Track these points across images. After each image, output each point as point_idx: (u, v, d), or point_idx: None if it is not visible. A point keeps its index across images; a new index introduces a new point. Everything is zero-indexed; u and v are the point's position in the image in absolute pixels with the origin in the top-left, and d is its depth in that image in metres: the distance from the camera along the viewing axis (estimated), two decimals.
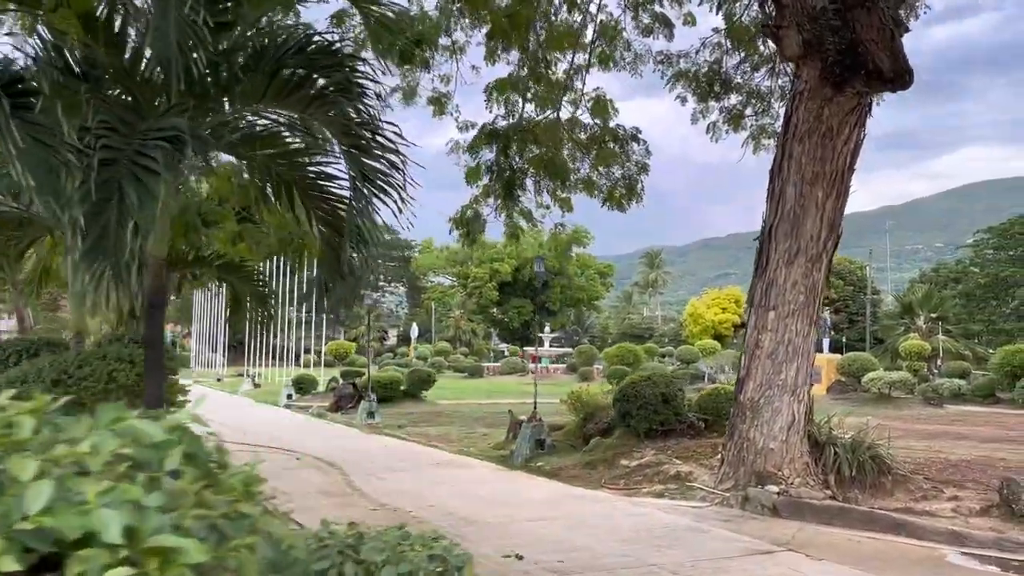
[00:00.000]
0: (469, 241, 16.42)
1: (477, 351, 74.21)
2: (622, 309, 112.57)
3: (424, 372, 25.88)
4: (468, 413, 23.27)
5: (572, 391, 14.32)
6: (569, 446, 13.63)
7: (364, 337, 78.36)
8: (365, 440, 16.97)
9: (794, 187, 9.21)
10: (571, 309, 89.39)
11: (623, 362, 33.63)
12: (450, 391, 33.64)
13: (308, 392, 29.21)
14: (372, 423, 20.35)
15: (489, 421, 20.93)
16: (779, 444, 9.40)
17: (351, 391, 24.21)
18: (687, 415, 12.26)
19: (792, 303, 9.33)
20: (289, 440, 16.84)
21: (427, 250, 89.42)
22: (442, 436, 17.65)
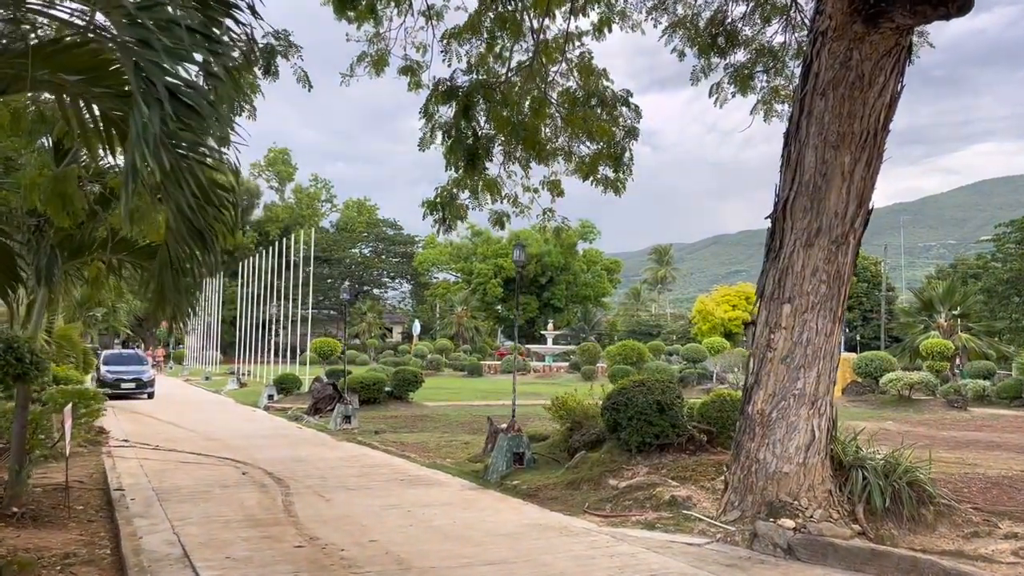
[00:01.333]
0: (444, 228, 14.73)
1: (481, 349, 72.54)
2: (630, 306, 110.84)
3: (410, 372, 24.21)
4: (455, 417, 21.60)
5: (557, 396, 12.61)
6: (552, 460, 11.92)
7: (365, 334, 76.98)
8: (332, 449, 15.31)
9: (815, 152, 7.47)
10: (578, 306, 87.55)
11: (626, 360, 31.87)
12: (444, 392, 31.98)
13: (291, 392, 27.60)
14: (347, 428, 18.70)
15: (475, 426, 19.25)
16: (795, 467, 7.67)
17: (331, 392, 22.56)
18: (687, 427, 10.53)
19: (812, 295, 7.60)
20: (249, 448, 15.23)
21: (431, 245, 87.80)
22: (419, 444, 15.98)
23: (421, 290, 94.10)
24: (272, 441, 16.47)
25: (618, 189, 14.88)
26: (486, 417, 13.84)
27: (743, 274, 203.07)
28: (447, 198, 14.83)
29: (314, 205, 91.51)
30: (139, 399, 28.18)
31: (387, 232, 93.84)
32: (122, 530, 8.17)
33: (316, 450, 15.11)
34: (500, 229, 16.15)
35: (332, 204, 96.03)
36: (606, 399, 10.95)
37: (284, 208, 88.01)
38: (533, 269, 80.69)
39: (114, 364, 28.61)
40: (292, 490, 10.70)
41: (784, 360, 7.68)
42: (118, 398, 27.67)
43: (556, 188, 15.97)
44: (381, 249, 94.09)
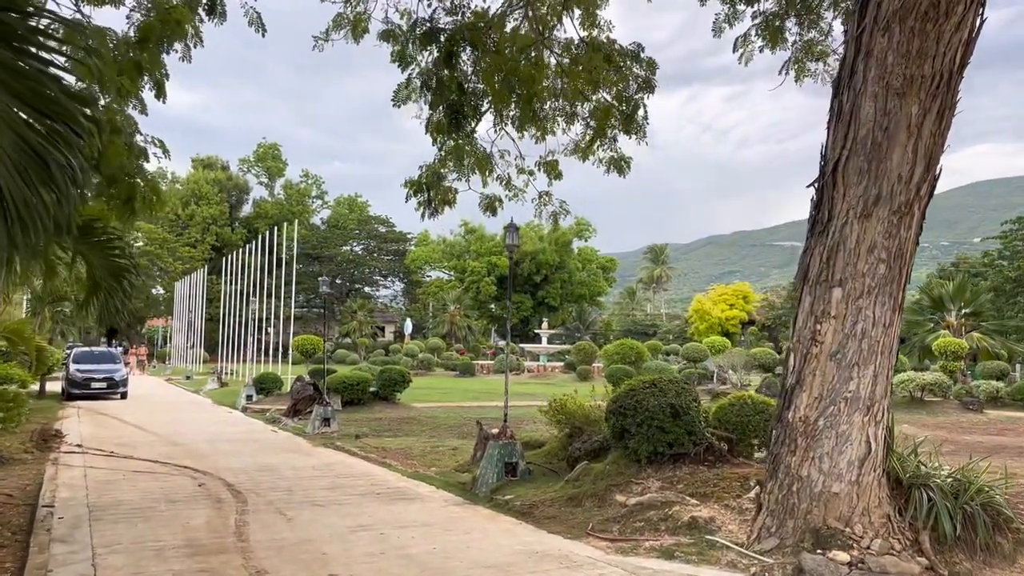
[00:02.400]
0: (430, 211, 13.36)
1: (474, 348, 71.10)
2: (625, 305, 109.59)
3: (396, 371, 22.79)
4: (443, 420, 20.20)
5: (554, 398, 11.21)
6: (549, 471, 10.53)
7: (356, 333, 75.45)
8: (305, 456, 13.89)
9: (874, 101, 6.12)
10: (572, 305, 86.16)
11: (624, 360, 30.51)
12: (433, 392, 30.58)
13: (271, 393, 26.15)
14: (326, 432, 17.29)
15: (465, 430, 17.86)
16: (847, 486, 6.31)
17: (311, 393, 21.14)
18: (704, 434, 9.15)
19: (868, 276, 6.24)
20: (214, 454, 13.81)
21: (423, 243, 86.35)
22: (402, 450, 14.58)
23: (413, 288, 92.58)
24: (241, 446, 15.05)
25: (622, 169, 13.53)
26: (475, 421, 12.44)
27: (737, 275, 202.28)
28: (432, 178, 13.45)
29: (304, 201, 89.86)
30: (111, 399, 26.71)
31: (379, 229, 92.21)
32: (30, 560, 6.78)
33: (287, 457, 13.69)
34: (492, 215, 14.76)
35: (323, 201, 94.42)
36: (611, 402, 9.57)
37: (274, 204, 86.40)
38: (527, 267, 79.29)
39: (84, 363, 27.10)
40: (250, 506, 9.29)
41: (834, 356, 6.31)
42: (88, 398, 26.21)
43: (553, 170, 14.59)
44: (373, 247, 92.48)
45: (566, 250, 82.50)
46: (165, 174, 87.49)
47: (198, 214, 79.22)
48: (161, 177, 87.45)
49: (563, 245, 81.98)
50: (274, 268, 37.30)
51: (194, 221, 79.09)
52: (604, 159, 13.62)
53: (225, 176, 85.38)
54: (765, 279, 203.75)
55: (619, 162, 13.52)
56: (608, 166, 13.64)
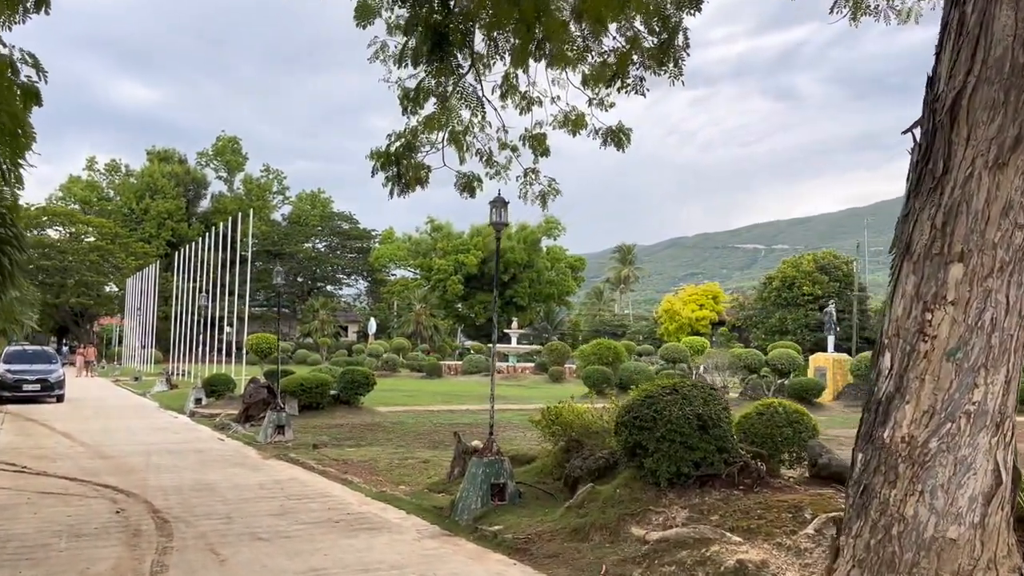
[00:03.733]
0: (399, 188, 11.63)
1: (440, 348, 69.16)
2: (591, 306, 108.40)
3: (360, 373, 20.90)
4: (412, 426, 18.40)
5: (549, 407, 9.48)
6: (543, 493, 8.82)
7: (317, 332, 73.04)
8: (253, 470, 12.02)
9: (1015, 8, 4.53)
10: (540, 304, 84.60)
11: (601, 361, 28.91)
12: (399, 394, 28.73)
13: (223, 395, 24.09)
14: (279, 441, 15.40)
15: (437, 438, 16.10)
16: (968, 530, 4.70)
17: (265, 396, 19.19)
18: (739, 451, 7.52)
19: (1002, 247, 4.64)
20: (147, 469, 11.90)
21: (388, 240, 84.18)
22: (366, 464, 12.77)
23: (378, 287, 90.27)
24: (180, 459, 13.11)
25: (620, 141, 11.92)
26: (453, 432, 10.69)
27: (700, 276, 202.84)
28: (403, 149, 11.69)
29: (265, 197, 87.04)
30: (47, 403, 24.42)
31: (342, 226, 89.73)
32: None
33: (232, 472, 11.80)
34: (470, 196, 13.01)
35: (284, 196, 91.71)
36: (623, 411, 7.90)
37: (233, 199, 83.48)
38: (495, 265, 77.51)
39: (16, 363, 24.74)
40: (176, 541, 7.45)
41: (953, 356, 4.69)
42: (20, 401, 23.93)
43: (540, 144, 12.92)
44: (336, 244, 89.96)
45: (535, 249, 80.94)
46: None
47: (153, 208, 76.18)
48: (114, 170, 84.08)
49: (532, 244, 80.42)
50: (231, 264, 35.18)
51: (149, 216, 76.04)
52: (600, 130, 12.00)
53: (182, 170, 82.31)
54: (727, 281, 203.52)
55: (617, 134, 11.88)
56: (605, 138, 12.00)
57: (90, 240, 69.17)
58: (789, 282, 67.35)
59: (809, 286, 65.52)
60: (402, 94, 11.93)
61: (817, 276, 65.98)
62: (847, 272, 66.25)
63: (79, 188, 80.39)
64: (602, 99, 11.98)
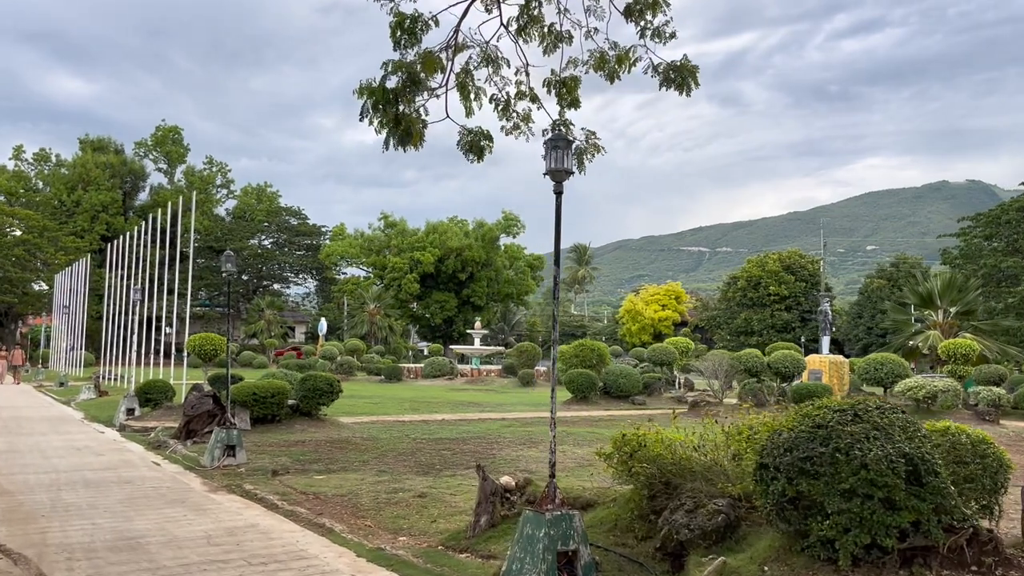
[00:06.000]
0: (396, 136, 8.90)
1: (395, 350, 65.94)
2: (547, 306, 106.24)
3: (323, 379, 17.88)
4: (388, 443, 15.53)
5: (624, 434, 6.73)
6: (630, 563, 6.11)
7: (264, 333, 69.09)
8: (196, 514, 9.06)
9: None
10: (498, 304, 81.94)
11: (584, 363, 26.34)
12: (361, 402, 25.73)
13: (160, 404, 20.82)
14: (230, 465, 12.40)
15: (423, 460, 13.29)
16: None
17: (210, 407, 16.10)
18: (963, 511, 4.94)
19: None
20: (50, 513, 8.88)
21: (339, 236, 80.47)
22: (345, 499, 9.91)
23: (328, 286, 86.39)
24: (100, 494, 10.07)
25: (685, 83, 9.41)
26: (476, 466, 7.89)
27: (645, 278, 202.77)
28: (404, 84, 8.91)
29: (208, 190, 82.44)
30: None
31: (290, 222, 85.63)
32: None
33: (169, 516, 8.83)
34: (477, 159, 10.30)
35: (229, 190, 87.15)
36: (770, 444, 5.25)
37: (174, 192, 78.76)
38: (452, 264, 74.63)
39: None
40: None
41: None
42: None
43: (570, 92, 10.39)
44: (283, 240, 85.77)
45: (493, 247, 78.26)
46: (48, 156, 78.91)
47: (86, 200, 71.20)
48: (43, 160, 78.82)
49: (490, 241, 77.73)
50: (171, 261, 31.77)
51: (81, 208, 71.06)
52: (658, 66, 9.39)
53: (119, 160, 77.34)
54: (665, 285, 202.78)
55: (681, 71, 9.31)
56: (665, 77, 9.41)
57: (16, 234, 64.13)
58: (755, 282, 66.03)
59: (775, 286, 64.26)
60: (395, 22, 9.20)
61: (783, 276, 64.76)
62: (813, 272, 65.17)
63: (4, 179, 74.84)
64: (659, 29, 9.42)
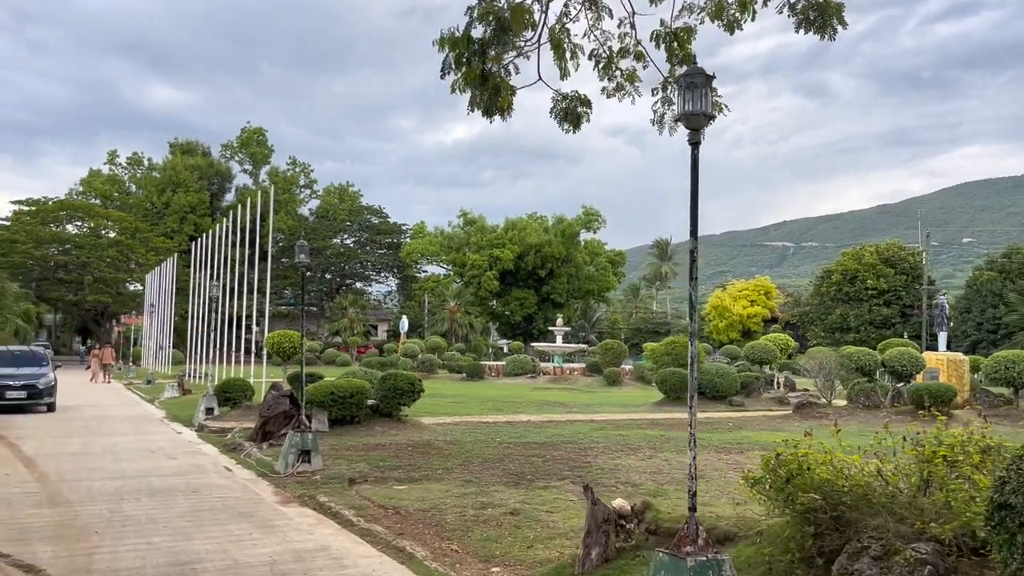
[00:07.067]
0: (484, 95, 7.71)
1: (475, 347, 65.25)
2: (628, 303, 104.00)
3: (404, 378, 16.92)
4: (472, 447, 14.39)
5: (776, 454, 5.31)
6: None
7: (347, 331, 69.43)
8: (263, 531, 8.05)
9: None
10: (578, 301, 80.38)
11: (676, 362, 24.78)
12: (444, 401, 24.78)
13: (239, 404, 20.30)
14: (305, 472, 11.47)
15: (512, 468, 12.07)
16: None
17: (286, 408, 15.32)
18: None
19: None
20: (104, 530, 8.03)
21: (419, 234, 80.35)
22: (428, 515, 8.77)
23: (408, 284, 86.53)
24: (164, 506, 9.21)
25: (828, 23, 7.95)
26: (583, 486, 6.58)
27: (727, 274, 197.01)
28: (492, 33, 7.71)
29: (291, 190, 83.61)
30: (36, 412, 20.79)
31: (371, 221, 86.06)
32: None
33: (233, 534, 7.85)
34: (573, 128, 9.02)
35: (312, 190, 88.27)
36: (1015, 475, 3.77)
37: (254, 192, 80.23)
38: (532, 260, 73.52)
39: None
40: None
41: None
42: (2, 411, 20.29)
43: (682, 46, 9.06)
44: (365, 239, 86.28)
45: (573, 242, 76.75)
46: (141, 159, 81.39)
47: (175, 202, 73.03)
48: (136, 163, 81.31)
49: (569, 237, 76.25)
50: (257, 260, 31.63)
51: (171, 209, 72.91)
52: (795, 4, 7.94)
53: (206, 163, 79.16)
54: (753, 280, 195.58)
55: (825, 9, 7.82)
56: (803, 18, 7.95)
57: (110, 235, 66.15)
58: (850, 276, 62.63)
59: (873, 280, 60.77)
60: None
61: (881, 269, 61.18)
62: (914, 264, 61.36)
63: (100, 182, 77.57)
64: None
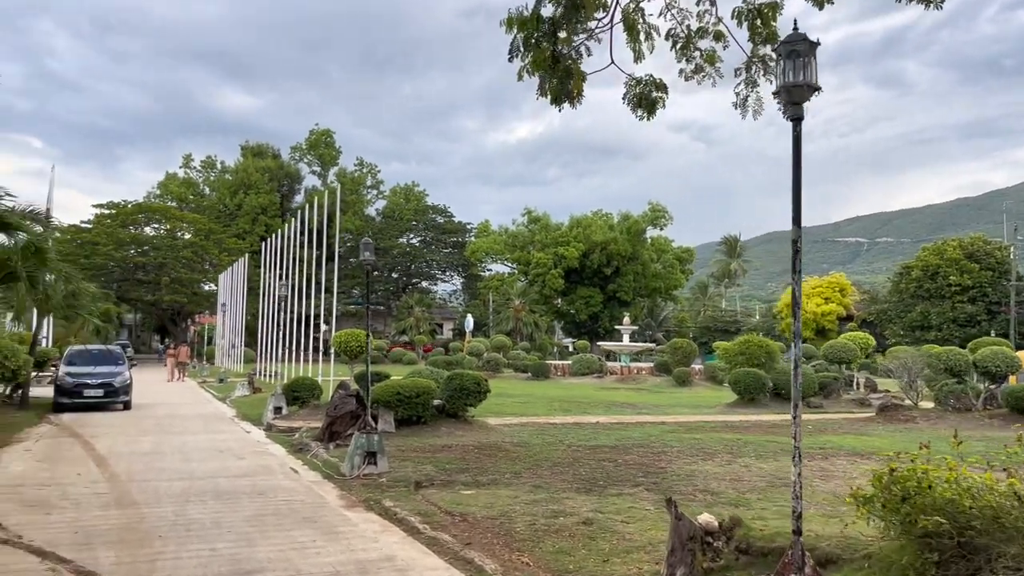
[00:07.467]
0: (554, 77, 7.32)
1: (540, 346, 64.84)
2: (695, 301, 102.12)
3: (470, 378, 16.61)
4: (539, 449, 13.97)
5: (890, 469, 4.74)
6: None
7: (413, 330, 69.83)
8: (327, 539, 7.78)
9: None
10: (645, 299, 79.18)
11: (751, 362, 23.90)
12: (509, 401, 24.45)
13: (307, 403, 20.31)
14: (370, 475, 11.23)
15: (582, 472, 11.60)
16: None
17: (353, 408, 15.16)
18: None
19: None
20: (168, 533, 7.88)
21: (484, 233, 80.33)
22: (496, 523, 8.39)
23: (473, 283, 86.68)
24: (227, 509, 9.05)
25: None
26: (667, 500, 6.08)
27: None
28: (565, 10, 7.29)
29: (359, 191, 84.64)
30: (113, 410, 21.22)
31: (436, 220, 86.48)
32: None
33: (296, 541, 7.60)
34: (646, 115, 8.49)
35: (378, 191, 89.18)
36: None
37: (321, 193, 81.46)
38: (597, 258, 72.71)
39: (78, 365, 21.61)
40: None
41: None
42: (81, 409, 20.76)
43: (766, 23, 8.58)
44: (430, 238, 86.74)
45: (639, 240, 75.62)
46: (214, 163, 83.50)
47: (247, 203, 74.66)
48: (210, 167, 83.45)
49: (636, 234, 75.14)
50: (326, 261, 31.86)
51: (243, 211, 74.56)
52: None
53: (276, 165, 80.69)
54: (828, 276, 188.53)
55: None
56: None
57: (186, 237, 67.97)
58: (931, 272, 59.99)
59: (957, 275, 58.05)
60: None
61: (965, 264, 58.41)
62: (1001, 259, 58.41)
63: (175, 185, 79.86)
64: None
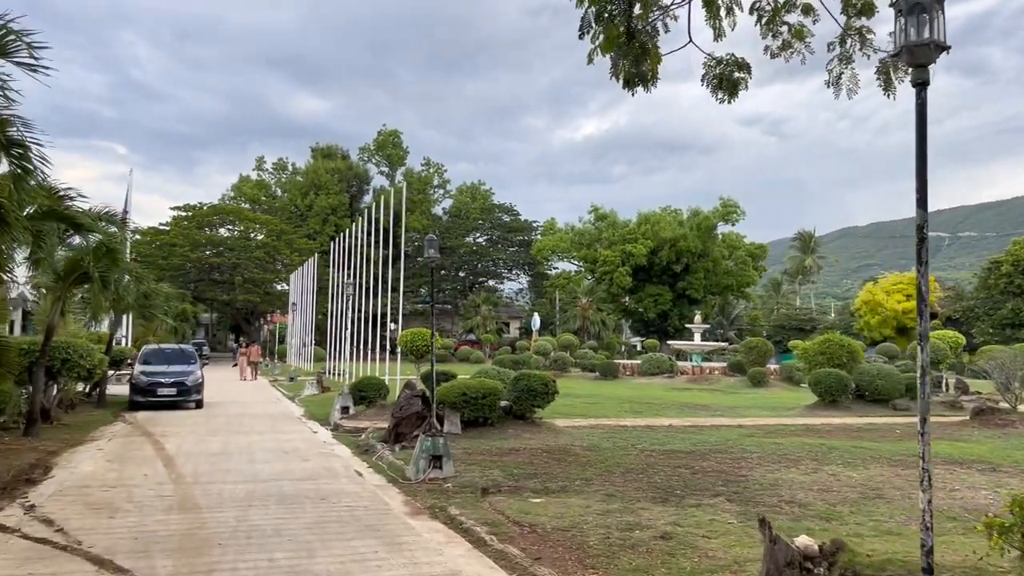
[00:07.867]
0: (630, 56, 6.79)
1: (608, 345, 63.97)
2: (768, 299, 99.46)
3: (537, 379, 16.15)
4: (611, 454, 13.40)
5: None
6: None
7: (480, 329, 69.78)
8: (389, 550, 7.42)
9: None
10: (716, 297, 77.37)
11: (832, 362, 22.80)
12: (577, 402, 23.89)
13: (374, 403, 20.18)
14: (436, 479, 10.87)
15: (657, 480, 11.00)
16: None
17: (418, 409, 14.87)
18: None
19: None
20: (228, 540, 7.66)
21: (550, 231, 79.77)
22: (568, 536, 7.90)
23: (539, 281, 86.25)
24: (291, 515, 8.79)
25: None
26: (759, 519, 5.50)
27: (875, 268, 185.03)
28: None
29: (426, 191, 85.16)
30: (185, 409, 21.52)
31: (503, 218, 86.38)
32: None
33: (354, 552, 7.26)
34: (728, 97, 7.89)
35: (445, 190, 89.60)
36: None
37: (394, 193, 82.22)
38: (666, 255, 71.37)
39: (152, 364, 21.96)
40: None
41: None
42: (154, 407, 21.10)
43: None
44: (497, 237, 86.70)
45: (709, 236, 73.92)
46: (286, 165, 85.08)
47: (317, 204, 75.86)
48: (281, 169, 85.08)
49: (706, 231, 73.47)
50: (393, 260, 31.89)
51: (313, 212, 75.79)
52: None
53: (345, 166, 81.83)
54: (906, 272, 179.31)
55: None
56: None
57: (258, 238, 69.42)
58: (1023, 267, 56.93)
59: None
60: None
61: None
62: None
63: (248, 187, 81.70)
64: None
